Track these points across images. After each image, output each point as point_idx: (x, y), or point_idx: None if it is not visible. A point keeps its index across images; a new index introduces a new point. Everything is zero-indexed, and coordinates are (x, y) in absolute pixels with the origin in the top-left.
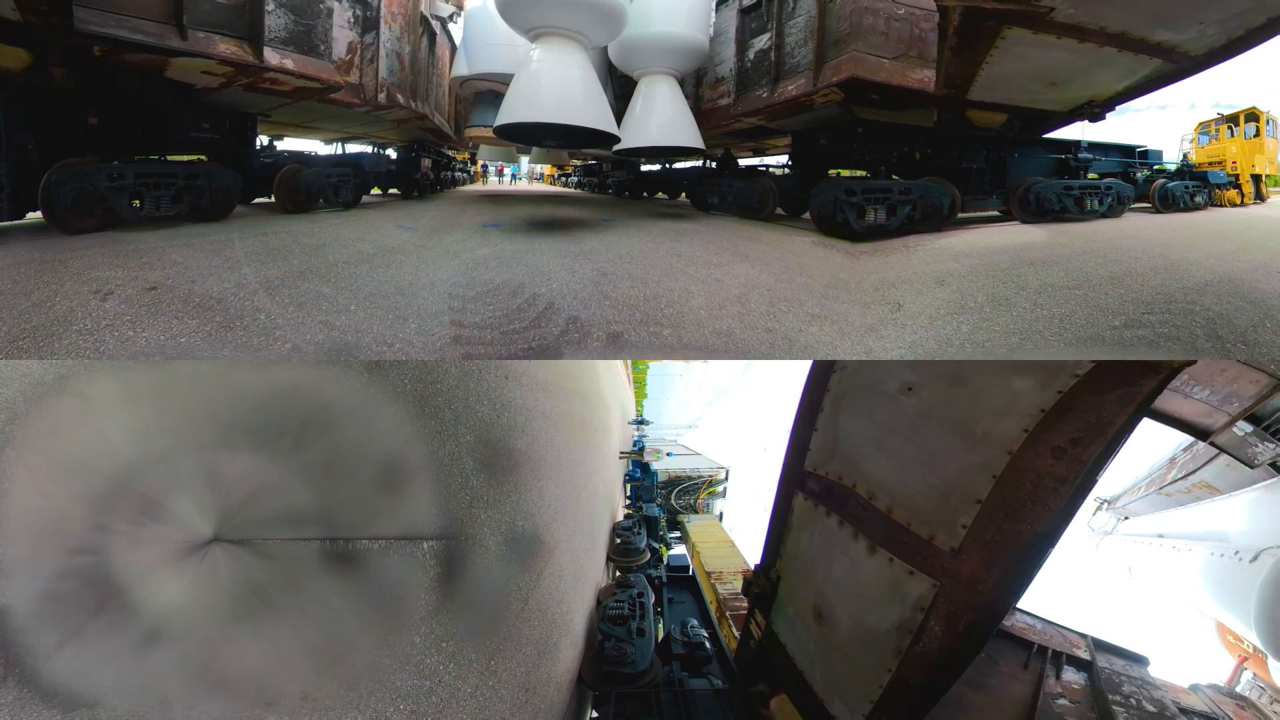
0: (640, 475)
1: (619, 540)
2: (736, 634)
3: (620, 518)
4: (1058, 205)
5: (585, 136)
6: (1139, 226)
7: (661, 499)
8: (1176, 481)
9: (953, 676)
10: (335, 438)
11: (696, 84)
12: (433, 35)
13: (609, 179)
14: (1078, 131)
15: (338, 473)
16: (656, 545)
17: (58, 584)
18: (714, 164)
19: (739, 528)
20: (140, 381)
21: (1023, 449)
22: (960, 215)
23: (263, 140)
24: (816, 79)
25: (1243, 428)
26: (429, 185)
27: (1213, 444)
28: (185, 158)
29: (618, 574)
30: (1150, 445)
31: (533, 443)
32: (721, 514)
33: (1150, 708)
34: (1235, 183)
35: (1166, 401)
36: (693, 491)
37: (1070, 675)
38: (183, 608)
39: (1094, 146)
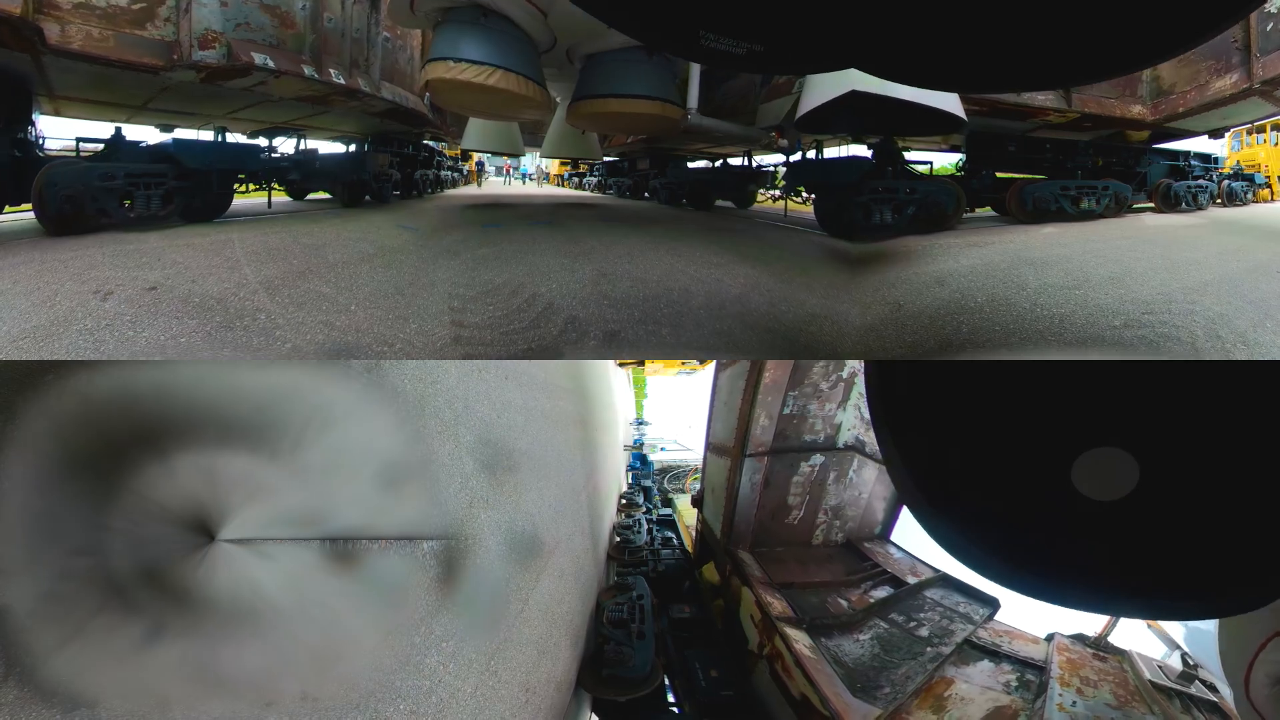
0: (639, 466)
1: (624, 500)
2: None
3: (624, 489)
4: (1184, 200)
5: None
6: (1230, 213)
7: (655, 483)
8: None
9: (733, 507)
10: (335, 438)
11: None
12: None
13: (651, 179)
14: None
15: (338, 473)
16: (650, 507)
17: (58, 584)
18: (736, 162)
19: None
20: (140, 381)
21: (744, 392)
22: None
23: (44, 123)
24: (1070, 102)
25: None
26: (390, 189)
27: None
28: None
29: (623, 515)
30: None
31: (533, 443)
32: None
33: (924, 632)
34: (1268, 183)
35: None
36: (681, 477)
37: (879, 592)
38: (183, 608)
39: (1196, 156)
